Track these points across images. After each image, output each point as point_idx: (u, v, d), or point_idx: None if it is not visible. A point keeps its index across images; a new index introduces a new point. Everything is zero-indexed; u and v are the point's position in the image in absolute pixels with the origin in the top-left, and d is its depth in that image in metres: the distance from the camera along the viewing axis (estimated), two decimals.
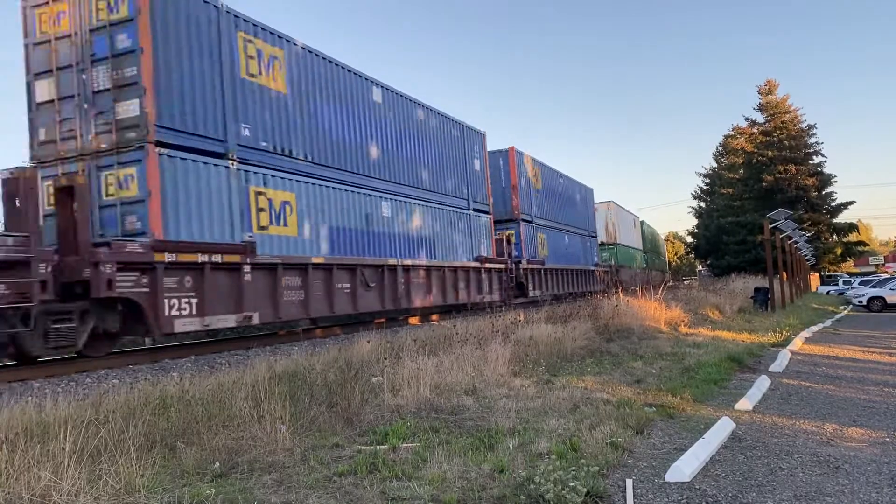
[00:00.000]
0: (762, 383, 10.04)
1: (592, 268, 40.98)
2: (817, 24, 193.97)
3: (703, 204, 78.42)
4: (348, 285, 17.32)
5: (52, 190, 12.36)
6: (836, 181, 64.12)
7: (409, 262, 20.11)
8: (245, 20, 15.00)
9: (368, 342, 11.40)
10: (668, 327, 17.58)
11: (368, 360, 10.10)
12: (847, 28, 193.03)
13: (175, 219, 12.68)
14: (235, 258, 13.65)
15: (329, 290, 16.45)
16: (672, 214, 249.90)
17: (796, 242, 40.27)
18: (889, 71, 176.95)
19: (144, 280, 11.94)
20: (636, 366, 11.44)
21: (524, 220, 30.64)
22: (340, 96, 18.12)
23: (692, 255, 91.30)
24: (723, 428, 7.00)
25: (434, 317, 22.01)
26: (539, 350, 11.77)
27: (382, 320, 20.26)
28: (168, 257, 12.16)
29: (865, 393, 9.47)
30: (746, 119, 67.41)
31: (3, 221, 11.99)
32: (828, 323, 23.82)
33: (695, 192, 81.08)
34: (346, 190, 17.81)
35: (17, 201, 11.04)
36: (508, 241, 28.13)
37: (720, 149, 78.02)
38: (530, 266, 29.75)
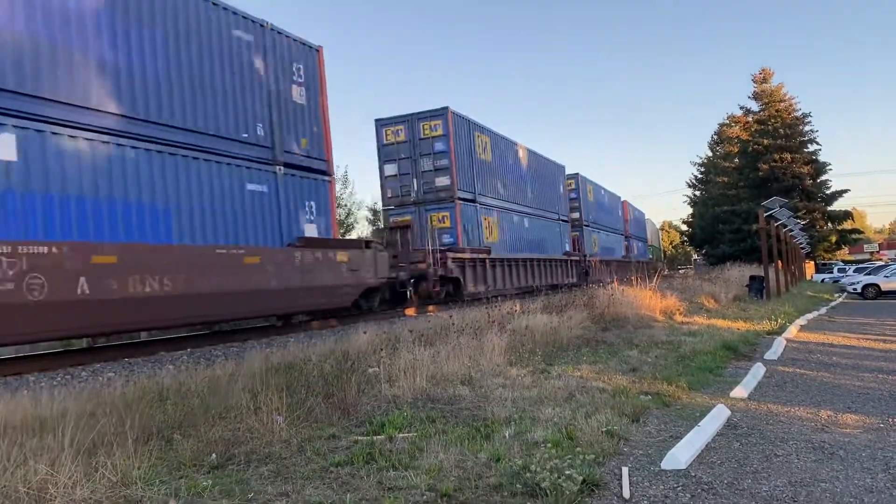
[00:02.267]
0: (757, 371, 10.08)
1: (646, 260, 67.39)
2: (812, 11, 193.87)
3: (698, 193, 78.49)
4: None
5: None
6: (830, 169, 64.11)
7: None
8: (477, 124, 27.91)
9: (365, 333, 11.42)
10: (664, 316, 17.63)
11: (365, 351, 10.12)
12: (841, 16, 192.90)
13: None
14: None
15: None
16: (667, 203, 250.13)
17: (791, 231, 40.33)
18: (881, 59, 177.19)
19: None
20: (632, 354, 11.47)
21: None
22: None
23: (687, 244, 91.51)
24: (718, 415, 7.03)
25: (430, 308, 22.09)
26: (535, 340, 11.80)
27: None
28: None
29: (860, 380, 9.51)
30: (741, 107, 67.36)
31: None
32: (823, 310, 23.90)
33: (689, 180, 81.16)
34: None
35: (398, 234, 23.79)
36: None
37: (715, 137, 78.06)
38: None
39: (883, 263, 50.53)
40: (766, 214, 30.03)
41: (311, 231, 16.76)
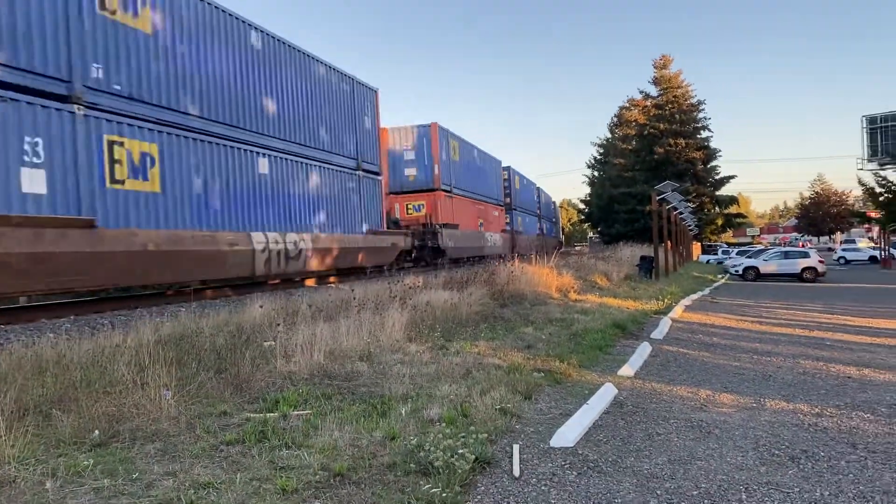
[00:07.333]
0: (644, 350, 10.54)
1: (552, 237, 74.72)
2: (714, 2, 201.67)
3: (596, 173, 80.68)
4: None
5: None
6: (720, 156, 67.46)
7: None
8: None
9: (261, 306, 11.17)
10: (559, 293, 18.13)
11: (261, 324, 9.90)
12: (744, 9, 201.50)
13: None
14: None
15: None
16: (568, 182, 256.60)
17: (681, 213, 42.21)
18: (774, 53, 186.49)
19: None
20: (527, 331, 11.75)
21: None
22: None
23: (584, 222, 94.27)
24: (605, 394, 7.32)
25: (332, 279, 21.87)
26: (435, 315, 11.88)
27: (277, 281, 19.92)
28: None
29: (737, 360, 10.10)
30: (641, 91, 69.66)
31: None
32: (706, 291, 25.21)
33: (589, 161, 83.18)
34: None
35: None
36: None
37: (615, 120, 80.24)
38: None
39: (763, 248, 53.77)
40: (658, 197, 31.27)
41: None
